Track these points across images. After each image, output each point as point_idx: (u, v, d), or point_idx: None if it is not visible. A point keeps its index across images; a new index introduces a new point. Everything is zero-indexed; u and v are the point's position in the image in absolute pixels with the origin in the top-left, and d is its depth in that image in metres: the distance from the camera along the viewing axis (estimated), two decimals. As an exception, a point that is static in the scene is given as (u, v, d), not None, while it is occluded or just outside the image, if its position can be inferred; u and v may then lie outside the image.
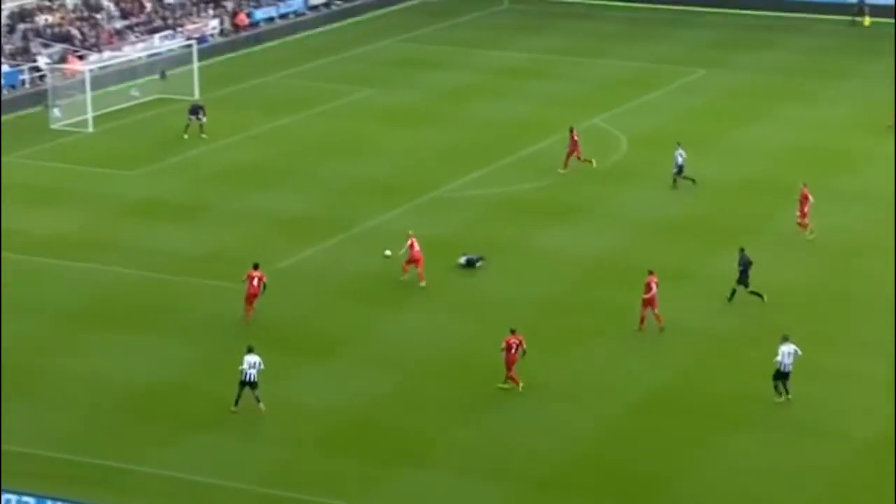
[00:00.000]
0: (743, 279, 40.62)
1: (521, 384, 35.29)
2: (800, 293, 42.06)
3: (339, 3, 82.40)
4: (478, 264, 43.29)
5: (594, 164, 52.81)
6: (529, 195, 50.80)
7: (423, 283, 41.88)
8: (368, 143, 57.35)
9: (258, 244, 45.22)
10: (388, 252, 42.87)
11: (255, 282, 39.31)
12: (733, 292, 40.68)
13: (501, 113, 61.60)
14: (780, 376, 34.69)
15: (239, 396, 34.07)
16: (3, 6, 68.01)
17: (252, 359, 34.09)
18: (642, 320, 38.92)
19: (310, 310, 40.62)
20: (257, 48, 74.75)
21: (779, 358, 34.63)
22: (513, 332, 35.38)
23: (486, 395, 35.29)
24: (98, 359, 37.13)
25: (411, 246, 42.21)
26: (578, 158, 52.65)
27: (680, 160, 51.01)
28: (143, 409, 34.50)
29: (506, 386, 35.36)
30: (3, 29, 66.73)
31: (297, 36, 77.58)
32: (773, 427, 34.02)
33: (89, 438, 33.08)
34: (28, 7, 68.75)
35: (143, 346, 37.94)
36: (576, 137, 52.63)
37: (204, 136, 56.71)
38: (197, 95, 62.81)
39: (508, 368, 35.30)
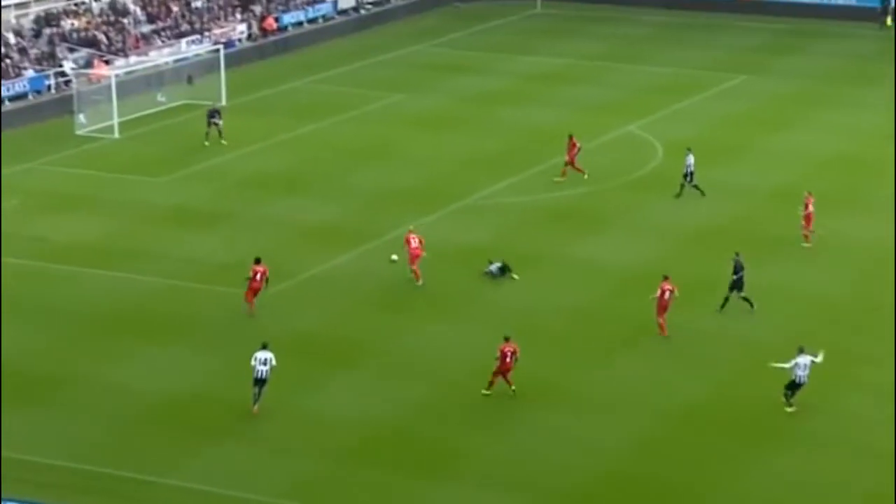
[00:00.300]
0: (737, 284, 40.70)
1: (498, 388, 35.40)
2: (835, 304, 41.98)
3: (368, 7, 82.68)
4: (510, 275, 43.26)
5: (561, 180, 52.22)
6: (562, 203, 50.84)
7: (419, 283, 42.43)
8: (398, 150, 57.54)
9: (285, 252, 45.45)
10: (394, 257, 43.36)
11: (258, 276, 40.09)
12: (726, 300, 40.73)
13: (534, 119, 61.66)
14: (793, 387, 34.77)
15: (255, 396, 34.45)
16: (30, 10, 68.58)
17: (263, 355, 34.35)
18: (661, 327, 39.05)
19: (337, 319, 40.77)
20: (285, 53, 75.12)
21: (787, 365, 34.71)
22: (507, 339, 35.46)
23: (514, 405, 35.34)
24: (120, 368, 37.38)
25: (407, 242, 42.54)
26: (570, 163, 52.34)
27: (689, 166, 50.88)
28: (166, 420, 34.71)
29: (512, 390, 35.44)
30: (28, 33, 67.33)
31: (326, 40, 77.88)
32: (808, 440, 33.96)
33: (111, 449, 33.30)
34: (54, 11, 69.31)
35: (167, 356, 38.18)
36: (576, 144, 52.42)
37: (224, 141, 57.02)
38: (224, 101, 63.23)
39: (496, 375, 35.31)
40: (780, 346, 36.78)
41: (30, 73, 64.09)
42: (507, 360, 35.25)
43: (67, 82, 64.37)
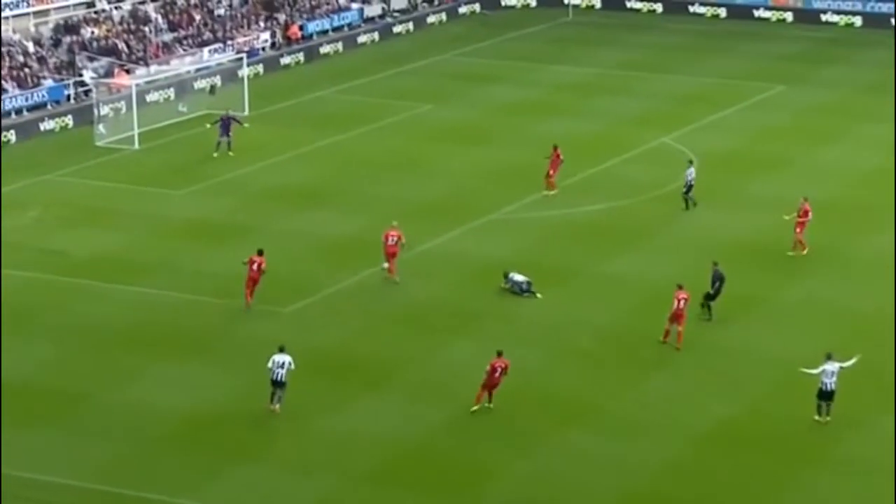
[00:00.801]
0: (713, 295, 41.17)
1: (491, 404, 35.74)
2: (871, 320, 41.83)
3: (395, 15, 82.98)
4: (533, 293, 43.22)
5: (552, 192, 52.50)
6: (593, 217, 50.89)
7: (395, 279, 43.65)
8: (425, 162, 57.67)
9: (308, 267, 45.65)
10: (385, 265, 44.10)
11: (255, 266, 41.44)
12: (709, 309, 41.35)
13: (565, 131, 61.61)
14: (824, 396, 35.01)
15: (272, 395, 35.22)
16: (49, 18, 69.12)
17: (280, 358, 35.31)
18: (666, 334, 39.59)
19: (361, 336, 40.85)
20: (310, 62, 75.44)
21: (815, 371, 35.00)
22: (499, 354, 35.66)
23: (543, 425, 35.39)
24: (139, 385, 37.58)
25: (385, 238, 43.45)
26: (549, 175, 52.78)
27: (689, 178, 50.95)
28: (184, 439, 34.85)
29: (488, 405, 35.60)
30: (48, 42, 67.84)
31: (352, 49, 78.22)
32: (842, 460, 33.88)
33: (127, 469, 33.45)
34: (74, 19, 69.80)
35: (187, 373, 38.36)
36: (560, 156, 52.74)
37: (215, 154, 57.26)
38: (247, 111, 63.59)
39: (483, 389, 35.54)
40: (812, 363, 36.69)
41: (49, 82, 64.58)
42: (497, 375, 35.44)
43: (87, 92, 64.83)
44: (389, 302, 43.19)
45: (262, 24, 76.00)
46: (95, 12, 71.26)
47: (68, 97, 64.74)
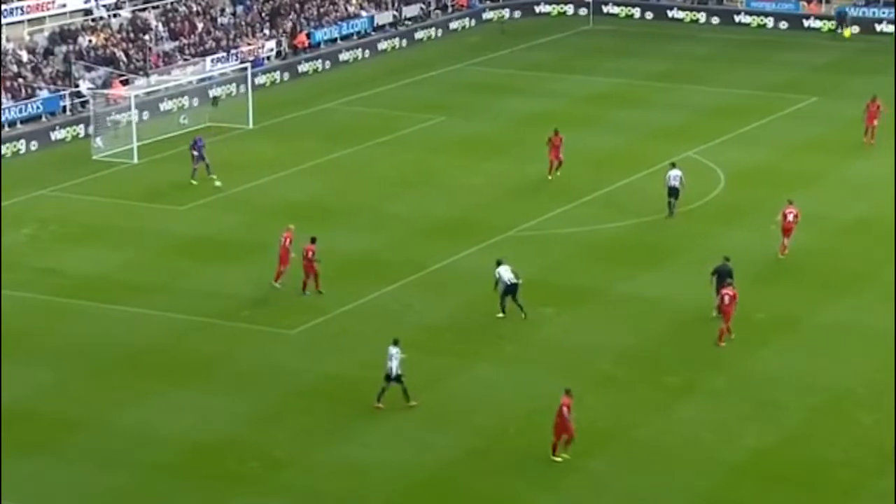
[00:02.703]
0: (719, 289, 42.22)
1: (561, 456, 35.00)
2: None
3: (408, 23, 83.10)
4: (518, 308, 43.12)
5: (550, 178, 55.39)
6: (616, 234, 50.85)
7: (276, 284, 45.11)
8: (439, 176, 57.70)
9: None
10: (218, 183, 45.72)
11: (310, 255, 44.36)
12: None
13: (586, 144, 61.63)
14: None
15: (382, 392, 36.75)
16: (44, 26, 69.32)
17: (391, 350, 37.22)
18: (720, 334, 40.71)
19: (373, 359, 40.73)
20: (317, 72, 75.55)
21: None
22: (567, 392, 34.91)
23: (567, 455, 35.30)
24: (140, 411, 37.56)
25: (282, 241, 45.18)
26: (555, 162, 55.40)
27: (674, 182, 51.10)
28: (188, 467, 34.79)
29: (557, 459, 34.90)
30: (43, 51, 68.02)
31: (362, 58, 78.32)
32: (887, 499, 33.59)
33: (129, 499, 33.42)
34: (71, 28, 69.97)
35: (189, 398, 38.33)
36: (561, 137, 55.26)
37: (218, 184, 55.51)
38: (251, 123, 63.70)
39: (557, 435, 34.78)
40: (858, 395, 36.54)
41: (44, 93, 64.73)
42: (565, 411, 34.73)
43: (84, 103, 64.97)
44: (402, 323, 43.10)
45: (266, 32, 76.14)
46: (93, 20, 71.46)
47: (64, 109, 64.89)
